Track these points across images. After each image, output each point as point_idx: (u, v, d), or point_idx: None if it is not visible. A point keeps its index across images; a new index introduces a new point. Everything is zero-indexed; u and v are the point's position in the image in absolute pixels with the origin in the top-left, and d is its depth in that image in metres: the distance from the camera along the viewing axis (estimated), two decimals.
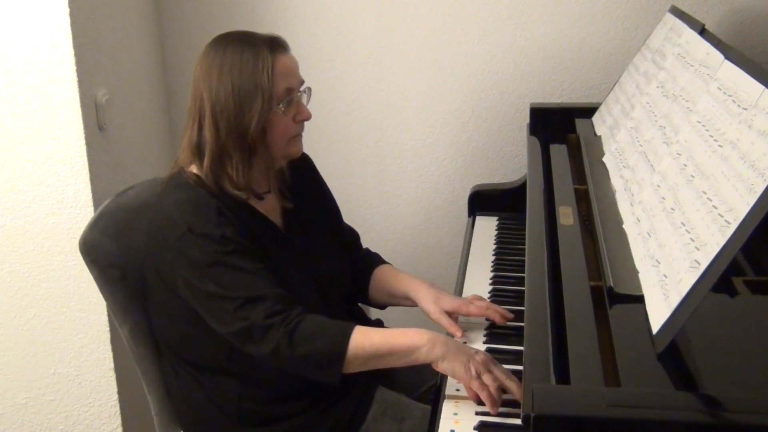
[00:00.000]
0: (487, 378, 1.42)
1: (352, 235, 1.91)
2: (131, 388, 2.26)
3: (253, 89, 1.54)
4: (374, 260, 1.89)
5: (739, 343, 1.26)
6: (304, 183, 1.78)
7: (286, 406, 1.61)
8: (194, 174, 1.60)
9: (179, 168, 1.62)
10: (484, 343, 1.64)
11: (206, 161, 1.57)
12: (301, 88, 1.63)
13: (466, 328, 1.69)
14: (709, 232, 1.14)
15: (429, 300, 1.71)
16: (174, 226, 1.53)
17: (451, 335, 1.66)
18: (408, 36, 2.50)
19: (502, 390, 1.43)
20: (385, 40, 2.51)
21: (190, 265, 1.51)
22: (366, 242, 1.94)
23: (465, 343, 1.62)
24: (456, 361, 1.45)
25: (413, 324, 1.93)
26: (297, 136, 1.64)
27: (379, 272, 1.85)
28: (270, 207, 1.67)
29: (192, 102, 1.59)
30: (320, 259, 1.72)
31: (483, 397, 1.41)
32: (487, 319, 1.70)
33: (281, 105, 1.57)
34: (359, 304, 1.89)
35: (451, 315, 1.70)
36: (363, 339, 1.48)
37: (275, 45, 1.58)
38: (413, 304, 1.77)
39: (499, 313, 1.67)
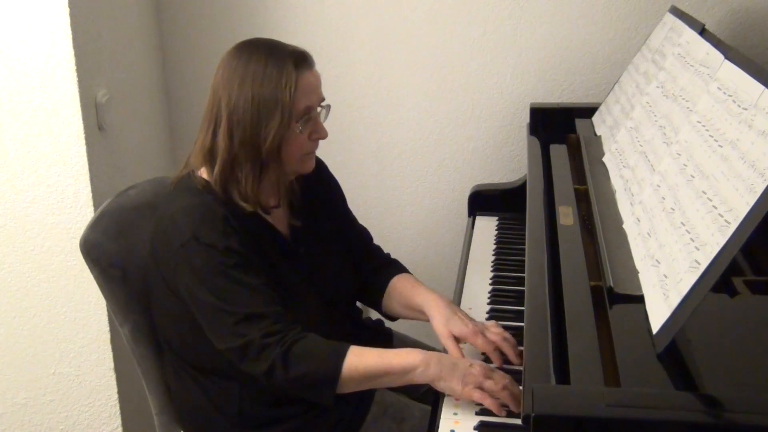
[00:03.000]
0: (489, 385, 1.40)
1: (362, 238, 1.87)
2: (131, 388, 2.26)
3: (273, 104, 1.51)
4: (393, 270, 1.82)
5: (739, 343, 1.26)
6: (313, 190, 1.76)
7: (286, 408, 1.60)
8: (203, 179, 1.58)
9: (189, 170, 1.61)
10: None
11: (217, 169, 1.55)
12: (321, 104, 1.61)
13: None
14: (709, 232, 1.14)
15: (440, 321, 1.62)
16: (179, 233, 1.51)
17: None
18: (408, 36, 2.50)
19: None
20: (385, 40, 2.51)
21: (192, 273, 1.50)
22: None
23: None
24: (452, 380, 1.42)
25: (419, 327, 1.93)
26: (310, 153, 1.62)
27: (397, 283, 1.78)
28: (277, 216, 1.65)
29: (209, 106, 1.57)
30: (326, 268, 1.70)
31: (486, 404, 1.39)
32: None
33: (299, 123, 1.55)
34: (358, 305, 1.88)
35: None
36: (357, 361, 1.46)
37: (300, 60, 1.55)
38: (428, 319, 1.71)
39: (509, 353, 1.55)
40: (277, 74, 1.51)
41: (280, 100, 1.51)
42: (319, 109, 1.60)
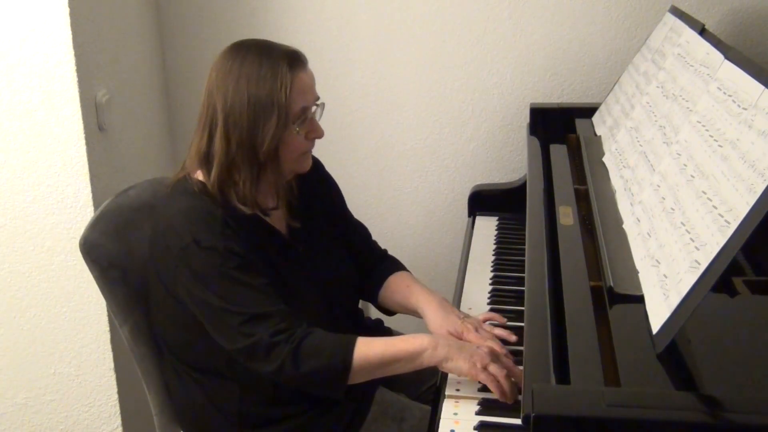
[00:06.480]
0: (494, 368, 1.42)
1: (361, 232, 1.88)
2: (131, 388, 2.26)
3: (269, 106, 1.50)
4: (390, 266, 1.83)
5: (739, 343, 1.26)
6: (311, 189, 1.75)
7: (286, 408, 1.61)
8: (200, 181, 1.57)
9: (185, 173, 1.60)
10: None
11: (214, 172, 1.54)
12: (316, 102, 1.60)
13: None
14: (709, 232, 1.14)
15: (436, 323, 1.64)
16: (178, 237, 1.50)
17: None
18: (408, 36, 2.50)
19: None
20: (385, 40, 2.51)
21: (193, 277, 1.49)
22: None
23: None
24: (460, 359, 1.44)
25: (413, 323, 1.94)
26: (307, 153, 1.62)
27: (394, 280, 1.79)
28: (276, 216, 1.65)
29: (204, 109, 1.56)
30: (325, 264, 1.70)
31: (492, 387, 1.41)
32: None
33: (296, 125, 1.54)
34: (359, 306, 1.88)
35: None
36: (366, 350, 1.46)
37: (294, 60, 1.54)
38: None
39: (498, 343, 1.56)
40: (272, 76, 1.50)
41: (276, 101, 1.50)
42: (314, 108, 1.60)
